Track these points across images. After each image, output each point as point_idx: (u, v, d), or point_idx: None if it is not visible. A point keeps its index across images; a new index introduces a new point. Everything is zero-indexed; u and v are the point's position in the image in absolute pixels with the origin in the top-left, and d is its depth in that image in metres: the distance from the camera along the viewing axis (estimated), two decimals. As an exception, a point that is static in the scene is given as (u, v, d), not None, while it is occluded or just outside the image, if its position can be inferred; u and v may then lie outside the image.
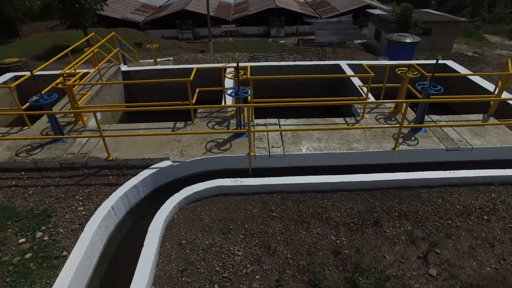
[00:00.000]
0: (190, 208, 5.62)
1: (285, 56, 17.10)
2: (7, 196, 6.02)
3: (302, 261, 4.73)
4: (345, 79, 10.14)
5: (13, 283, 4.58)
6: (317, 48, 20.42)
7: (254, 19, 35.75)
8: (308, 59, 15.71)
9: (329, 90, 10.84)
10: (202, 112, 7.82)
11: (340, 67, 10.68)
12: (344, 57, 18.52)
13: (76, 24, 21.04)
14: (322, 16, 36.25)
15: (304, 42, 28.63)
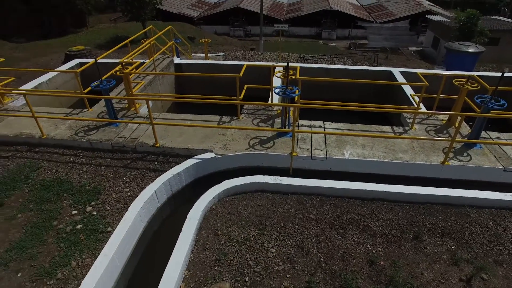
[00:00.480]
0: (229, 200, 5.76)
1: (335, 59, 16.81)
2: (65, 171, 6.55)
3: (334, 266, 4.67)
4: (396, 87, 9.79)
5: (66, 249, 4.99)
6: (369, 53, 19.83)
7: (306, 20, 35.47)
8: (358, 63, 15.31)
9: (378, 97, 10.52)
10: (248, 108, 7.95)
11: (392, 74, 10.32)
12: (397, 64, 17.81)
13: (136, 17, 22.20)
14: (377, 21, 35.10)
15: (355, 46, 27.94)
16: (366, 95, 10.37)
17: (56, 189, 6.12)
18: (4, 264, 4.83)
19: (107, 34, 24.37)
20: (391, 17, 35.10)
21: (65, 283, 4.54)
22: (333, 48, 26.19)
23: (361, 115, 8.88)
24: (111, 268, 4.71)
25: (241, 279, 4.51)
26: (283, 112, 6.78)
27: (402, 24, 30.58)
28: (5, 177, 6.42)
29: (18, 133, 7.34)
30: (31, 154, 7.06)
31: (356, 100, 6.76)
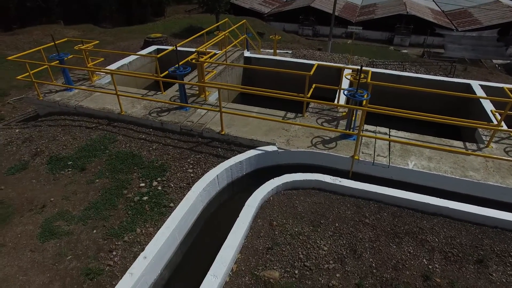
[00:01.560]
0: (286, 194, 5.89)
1: (406, 66, 16.05)
2: (137, 146, 7.16)
3: (386, 274, 4.58)
4: (472, 101, 9.13)
5: (133, 216, 5.50)
6: (445, 63, 18.61)
7: (379, 23, 34.06)
8: (432, 73, 14.47)
9: (450, 110, 9.87)
10: (313, 107, 7.97)
11: (470, 87, 9.63)
12: (477, 77, 16.49)
13: (211, 9, 23.20)
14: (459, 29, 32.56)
15: (429, 55, 26.31)
16: (437, 108, 9.77)
17: (128, 161, 6.73)
18: (84, 220, 5.47)
19: (182, 24, 25.74)
20: (476, 25, 32.21)
21: (130, 246, 5.02)
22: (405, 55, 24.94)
23: (430, 127, 8.43)
24: (171, 240, 5.10)
25: (290, 271, 4.63)
26: (349, 114, 6.71)
27: (489, 33, 27.97)
28: (88, 146, 7.20)
29: (101, 107, 8.16)
30: (110, 128, 7.82)
31: (426, 112, 6.46)
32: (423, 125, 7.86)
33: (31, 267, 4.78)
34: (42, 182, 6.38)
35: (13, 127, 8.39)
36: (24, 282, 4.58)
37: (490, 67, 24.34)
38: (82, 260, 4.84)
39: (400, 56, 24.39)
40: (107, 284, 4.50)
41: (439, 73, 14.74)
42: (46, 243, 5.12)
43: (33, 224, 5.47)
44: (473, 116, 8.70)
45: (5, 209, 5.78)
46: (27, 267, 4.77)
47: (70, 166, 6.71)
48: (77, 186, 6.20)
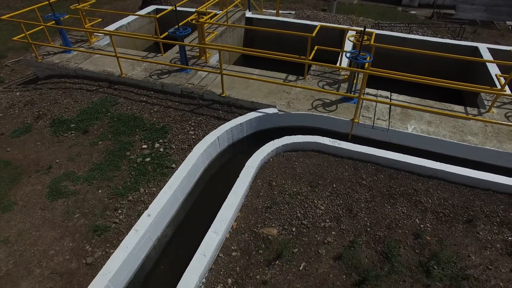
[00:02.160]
0: (286, 156, 6.02)
1: (413, 28, 15.54)
2: (138, 109, 7.20)
3: (379, 232, 4.79)
4: (478, 65, 8.97)
5: (136, 176, 5.67)
6: (454, 25, 17.98)
7: (387, -18, 32.54)
8: (439, 35, 14.07)
9: (454, 75, 9.74)
10: (315, 70, 7.89)
11: (477, 50, 9.40)
12: (487, 40, 16.00)
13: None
14: (470, -11, 31.12)
15: (439, 16, 25.36)
16: (440, 72, 9.65)
17: (130, 124, 6.80)
18: (89, 181, 5.65)
19: (182, -17, 24.74)
20: (488, -15, 30.79)
21: (134, 205, 5.22)
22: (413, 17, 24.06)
23: (432, 92, 8.38)
24: (173, 199, 5.29)
25: (288, 228, 4.85)
26: (351, 77, 6.66)
27: (504, -7, 26.68)
28: (90, 108, 7.24)
29: (101, 70, 8.10)
30: (111, 90, 7.82)
31: (430, 76, 6.39)
32: (426, 90, 7.83)
33: (42, 223, 5.02)
34: (46, 144, 6.50)
35: (13, 90, 8.39)
36: (37, 237, 4.83)
37: (503, 29, 23.50)
38: (89, 218, 5.06)
39: (408, 17, 23.52)
40: (114, 239, 4.75)
41: (447, 36, 14.34)
42: (55, 202, 5.33)
43: (41, 184, 5.65)
44: (478, 81, 8.59)
45: (14, 170, 5.96)
46: (39, 224, 5.01)
47: (73, 129, 6.80)
48: (81, 148, 6.33)
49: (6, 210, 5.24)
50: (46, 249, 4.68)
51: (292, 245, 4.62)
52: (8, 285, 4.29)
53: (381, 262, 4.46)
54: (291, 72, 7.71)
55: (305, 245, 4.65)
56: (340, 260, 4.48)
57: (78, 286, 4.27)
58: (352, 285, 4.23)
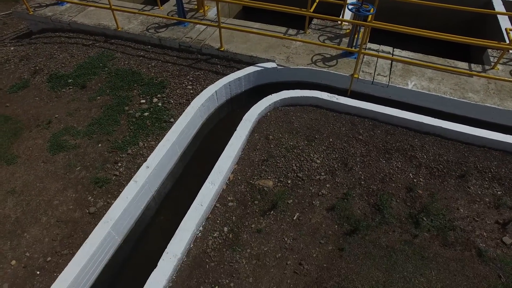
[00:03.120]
0: (284, 110, 6.02)
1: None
2: (136, 63, 7.10)
3: (373, 186, 4.92)
4: (489, 18, 8.60)
5: (135, 131, 5.73)
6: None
7: None
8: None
9: (463, 29, 9.41)
10: (316, 24, 7.64)
11: (490, 2, 8.96)
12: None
13: None
14: None
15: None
16: (450, 28, 9.31)
17: (128, 79, 6.74)
18: (89, 135, 5.71)
19: None
20: None
21: (133, 158, 5.33)
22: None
23: (438, 49, 8.15)
24: (171, 152, 5.39)
25: (284, 181, 4.97)
26: (352, 31, 6.47)
27: None
28: (86, 63, 7.15)
29: (96, 23, 7.88)
30: (107, 45, 7.66)
31: (436, 30, 6.16)
32: (431, 46, 7.62)
33: (45, 176, 5.16)
34: (45, 99, 6.50)
35: (7, 44, 8.22)
36: (41, 188, 4.99)
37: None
38: (90, 171, 5.19)
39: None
40: (115, 191, 4.90)
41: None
42: (56, 155, 5.44)
43: (42, 138, 5.73)
44: (488, 36, 8.29)
45: (14, 124, 6.01)
46: (42, 176, 5.16)
47: (70, 84, 6.75)
48: (79, 103, 6.34)
49: (10, 163, 5.37)
50: (50, 199, 4.86)
51: (287, 197, 4.77)
52: (18, 230, 4.51)
53: (373, 213, 4.62)
54: (292, 26, 7.48)
55: (299, 196, 4.80)
56: (333, 211, 4.64)
57: (82, 232, 4.48)
58: (344, 234, 4.41)
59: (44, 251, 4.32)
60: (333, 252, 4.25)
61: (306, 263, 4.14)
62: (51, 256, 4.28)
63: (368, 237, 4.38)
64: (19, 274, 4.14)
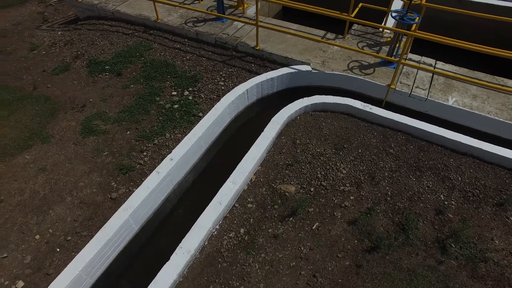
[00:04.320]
0: (314, 115, 5.87)
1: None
2: (171, 56, 7.18)
3: (399, 203, 4.67)
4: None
5: (163, 122, 5.78)
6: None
7: None
8: None
9: (515, 46, 8.80)
10: (356, 29, 7.40)
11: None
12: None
13: None
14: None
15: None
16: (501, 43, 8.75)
17: (162, 70, 6.83)
18: (119, 122, 5.83)
19: None
20: None
21: (159, 148, 5.37)
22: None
23: (485, 63, 7.66)
24: (196, 147, 5.38)
25: (306, 188, 4.83)
26: (394, 39, 6.19)
27: None
28: (124, 52, 7.31)
29: (138, 14, 8.05)
30: (146, 35, 7.81)
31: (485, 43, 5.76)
32: (477, 61, 7.15)
33: (74, 157, 5.32)
34: (82, 83, 6.72)
35: (55, 29, 8.58)
36: (70, 168, 5.14)
37: None
38: (116, 157, 5.29)
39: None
40: (137, 179, 4.96)
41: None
42: (86, 138, 5.59)
43: (75, 121, 5.92)
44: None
45: (52, 105, 6.25)
46: (71, 157, 5.31)
47: (107, 71, 6.94)
48: (113, 90, 6.49)
49: (45, 141, 5.58)
50: (76, 181, 5.00)
51: (308, 204, 4.63)
52: (45, 206, 4.68)
53: (396, 232, 4.38)
54: (331, 30, 7.29)
55: (321, 206, 4.64)
56: (355, 225, 4.45)
57: (102, 216, 4.56)
58: (363, 250, 4.21)
59: (65, 230, 4.44)
60: (350, 268, 4.07)
61: (321, 276, 3.99)
62: (71, 236, 4.39)
63: (389, 257, 4.15)
64: (41, 248, 4.27)
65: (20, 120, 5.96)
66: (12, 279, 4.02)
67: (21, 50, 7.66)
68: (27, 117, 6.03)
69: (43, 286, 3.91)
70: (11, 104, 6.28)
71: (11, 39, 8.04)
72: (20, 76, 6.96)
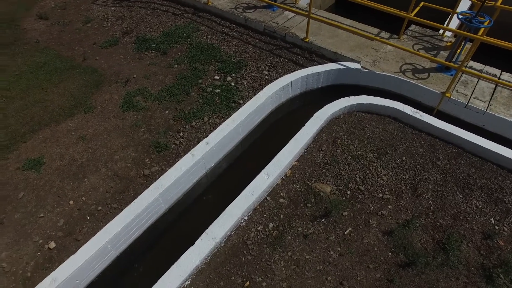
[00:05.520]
0: (358, 116, 5.56)
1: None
2: (218, 40, 7.10)
3: (442, 220, 4.31)
4: None
5: (203, 105, 5.71)
6: None
7: None
8: None
9: None
10: (413, 31, 6.93)
11: None
12: None
13: None
14: None
15: None
16: None
17: (208, 53, 6.76)
18: (159, 100, 5.84)
19: None
20: None
21: (196, 131, 5.32)
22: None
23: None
24: (234, 133, 5.27)
25: (343, 190, 4.58)
26: (455, 44, 5.71)
27: None
28: (172, 31, 7.32)
29: (189, -5, 8.03)
30: (195, 17, 7.77)
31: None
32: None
33: (113, 130, 5.39)
34: (128, 59, 6.80)
35: (109, 4, 8.72)
36: (107, 140, 5.22)
37: None
38: (153, 134, 5.29)
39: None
40: (171, 159, 4.93)
41: None
42: (126, 113, 5.65)
43: (118, 94, 6.00)
44: None
45: (98, 77, 6.38)
46: (110, 129, 5.39)
47: (153, 49, 6.98)
48: (157, 68, 6.51)
49: (87, 111, 5.70)
50: (112, 153, 5.05)
51: (343, 208, 4.38)
52: (80, 174, 4.77)
53: (436, 251, 4.04)
54: (385, 29, 6.87)
55: (356, 211, 4.38)
56: (390, 236, 4.16)
57: (133, 192, 4.58)
58: (397, 264, 3.93)
59: (97, 200, 4.50)
60: (381, 282, 3.81)
61: (348, 285, 3.76)
62: (102, 206, 4.44)
63: (425, 276, 3.84)
64: (74, 214, 4.36)
65: (67, 89, 6.13)
66: (46, 239, 4.14)
67: (76, 23, 7.89)
68: (74, 86, 6.19)
69: (72, 250, 3.98)
70: (62, 73, 6.48)
71: (69, 11, 8.31)
72: (73, 47, 7.16)
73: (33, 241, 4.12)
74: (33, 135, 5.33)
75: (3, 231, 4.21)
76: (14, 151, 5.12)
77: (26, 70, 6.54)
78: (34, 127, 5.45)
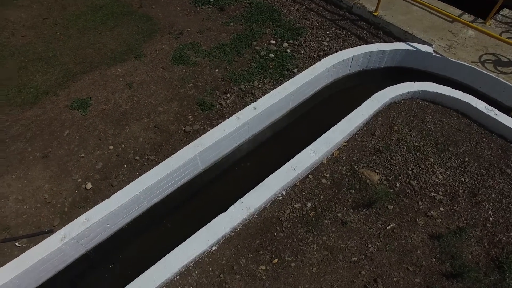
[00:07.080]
0: (421, 104, 5.03)
1: None
2: (279, 2, 6.69)
3: (502, 236, 3.83)
4: None
5: (254, 68, 5.42)
6: None
7: None
8: None
9: None
10: (505, 15, 6.02)
11: None
12: None
13: None
14: None
15: None
16: None
17: (266, 15, 6.38)
18: (210, 57, 5.61)
19: None
20: None
21: (243, 94, 5.08)
22: None
23: None
24: (283, 102, 4.98)
25: (392, 181, 4.20)
26: (553, 38, 4.91)
27: None
28: (231, -13, 6.94)
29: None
30: (258, -25, 7.30)
31: None
32: None
33: (160, 81, 5.27)
34: (184, 11, 6.57)
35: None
36: (153, 91, 5.12)
37: None
38: (200, 92, 5.12)
39: None
40: (214, 119, 4.76)
41: None
42: (175, 66, 5.49)
43: (169, 45, 5.84)
44: None
45: (152, 26, 6.24)
46: (157, 80, 5.28)
47: (211, 3, 6.70)
48: (212, 24, 6.24)
49: (137, 59, 5.61)
50: (156, 104, 4.96)
51: (389, 200, 4.03)
52: (123, 121, 4.75)
53: (489, 268, 3.62)
54: (469, 11, 6.06)
55: (403, 206, 4.01)
56: (437, 241, 3.77)
57: (172, 146, 4.48)
58: (440, 273, 3.57)
59: (135, 149, 4.46)
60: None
61: (382, 283, 3.49)
62: (139, 156, 4.39)
63: (471, 291, 3.47)
64: (112, 159, 4.36)
65: (121, 34, 6.05)
66: (84, 179, 4.19)
67: (137, -32, 7.73)
68: (127, 32, 6.09)
69: (106, 195, 3.99)
70: (118, 18, 6.39)
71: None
72: (130, -9, 7.04)
73: (72, 179, 4.18)
74: (83, 76, 5.35)
75: (48, 164, 4.31)
76: (64, 89, 5.17)
77: (85, 11, 6.52)
78: (85, 68, 5.46)
